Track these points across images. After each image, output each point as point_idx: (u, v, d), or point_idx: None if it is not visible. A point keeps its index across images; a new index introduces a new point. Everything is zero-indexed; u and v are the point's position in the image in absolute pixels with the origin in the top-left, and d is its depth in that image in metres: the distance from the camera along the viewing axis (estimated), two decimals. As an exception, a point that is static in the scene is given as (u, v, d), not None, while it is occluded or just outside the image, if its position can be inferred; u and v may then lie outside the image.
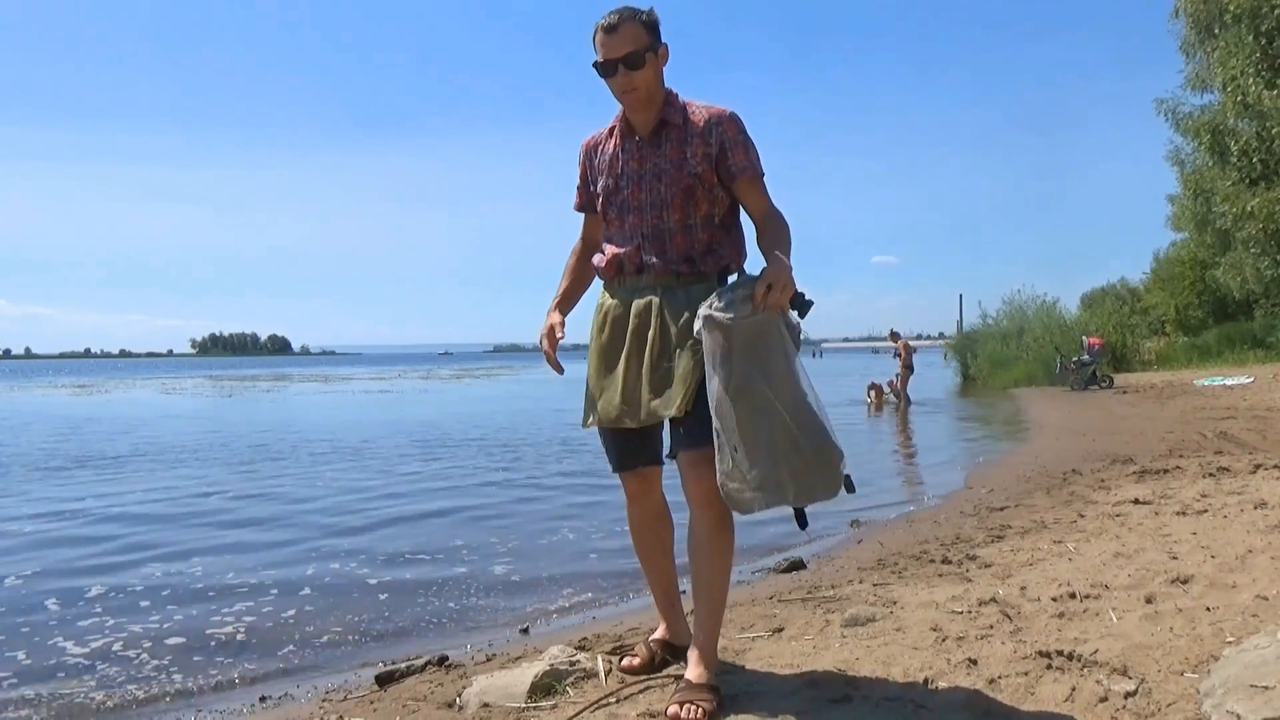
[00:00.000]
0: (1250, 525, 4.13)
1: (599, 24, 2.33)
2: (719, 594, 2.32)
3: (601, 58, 2.33)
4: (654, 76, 2.35)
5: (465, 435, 12.86)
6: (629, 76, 2.31)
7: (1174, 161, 25.15)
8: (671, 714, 2.13)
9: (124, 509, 6.98)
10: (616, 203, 2.44)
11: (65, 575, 4.85)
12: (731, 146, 2.35)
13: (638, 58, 2.30)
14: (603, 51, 2.32)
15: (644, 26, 2.32)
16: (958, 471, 8.08)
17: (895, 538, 5.00)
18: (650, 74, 2.33)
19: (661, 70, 2.38)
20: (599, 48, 2.33)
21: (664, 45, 2.36)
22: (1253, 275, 23.01)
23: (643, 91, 2.34)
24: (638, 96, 2.35)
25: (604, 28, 2.31)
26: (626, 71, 2.31)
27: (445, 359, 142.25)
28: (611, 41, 2.30)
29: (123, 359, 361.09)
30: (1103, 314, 26.85)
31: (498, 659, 3.12)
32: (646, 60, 2.31)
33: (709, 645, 2.31)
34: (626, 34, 2.29)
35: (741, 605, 3.45)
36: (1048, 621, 2.83)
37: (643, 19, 2.32)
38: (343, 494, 7.58)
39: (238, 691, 3.18)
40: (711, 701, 2.17)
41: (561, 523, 5.92)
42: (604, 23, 2.32)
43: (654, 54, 2.33)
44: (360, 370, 65.45)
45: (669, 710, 2.15)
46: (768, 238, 2.34)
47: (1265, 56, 20.31)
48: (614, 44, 2.30)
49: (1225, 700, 1.94)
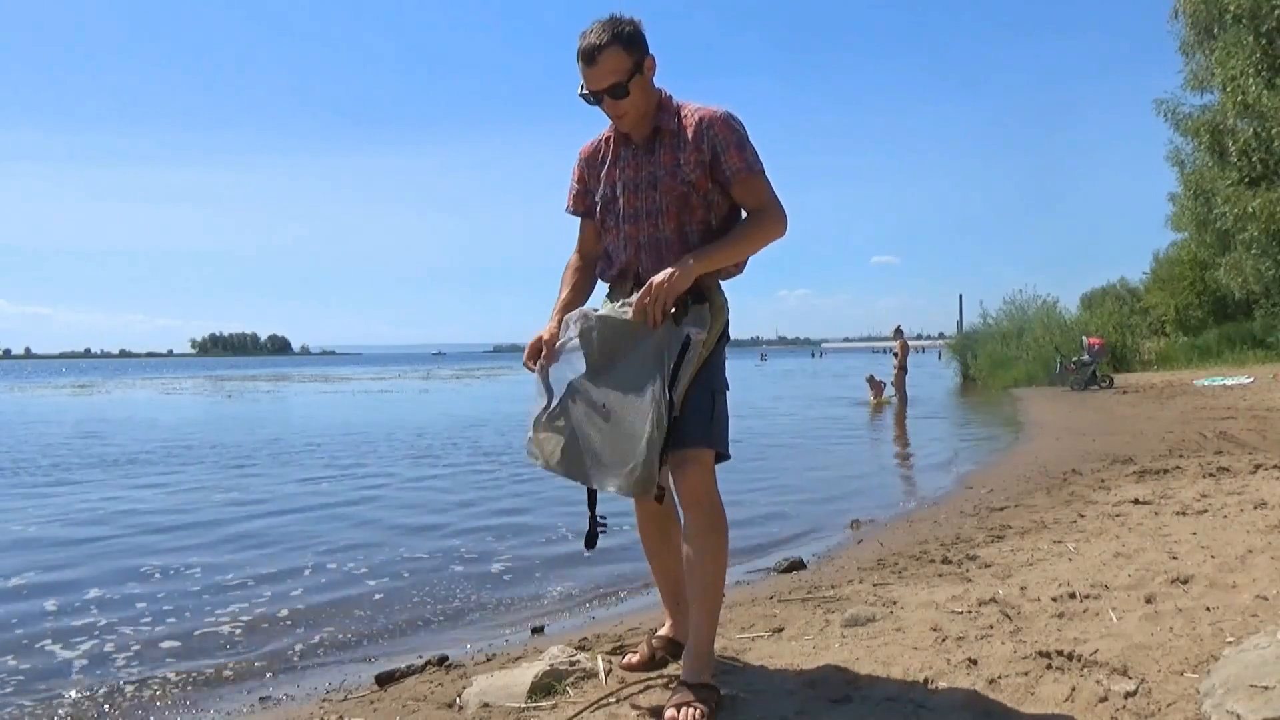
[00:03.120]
0: (1250, 525, 4.13)
1: (579, 46, 2.24)
2: (714, 595, 2.32)
3: (585, 89, 2.28)
4: (642, 96, 2.30)
5: (465, 435, 12.86)
6: (615, 105, 2.28)
7: (1174, 161, 25.18)
8: (669, 716, 2.13)
9: (123, 509, 6.97)
10: (614, 211, 2.42)
11: (63, 576, 4.84)
12: (724, 149, 2.30)
13: (621, 88, 2.25)
14: (586, 81, 2.27)
15: (625, 48, 2.23)
16: (957, 471, 8.08)
17: (895, 538, 5.00)
18: (637, 96, 2.28)
19: (650, 82, 2.32)
20: (581, 76, 2.27)
21: (650, 57, 2.29)
22: (1253, 275, 23.00)
23: (631, 116, 2.32)
24: (627, 121, 2.33)
25: (583, 55, 2.23)
26: (612, 101, 2.27)
27: (439, 359, 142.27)
28: (592, 73, 2.24)
29: (123, 359, 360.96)
30: (1103, 314, 26.86)
31: (498, 659, 3.13)
32: (631, 87, 2.25)
33: (705, 646, 2.30)
34: (606, 65, 2.22)
35: (741, 605, 3.45)
36: (1048, 621, 2.83)
37: (624, 36, 2.23)
38: (342, 494, 7.58)
39: (238, 692, 3.17)
40: (709, 702, 2.17)
41: (561, 522, 5.93)
42: (584, 47, 2.23)
43: (640, 74, 2.26)
44: (360, 370, 65.45)
45: (666, 713, 2.15)
46: (725, 235, 2.33)
47: (1265, 56, 20.31)
48: (595, 75, 2.24)
49: (1225, 700, 1.94)
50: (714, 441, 2.30)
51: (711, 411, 2.29)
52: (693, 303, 2.26)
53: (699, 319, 2.25)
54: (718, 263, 2.28)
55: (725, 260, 2.30)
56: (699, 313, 2.26)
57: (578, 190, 2.55)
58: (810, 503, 6.73)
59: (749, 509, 6.21)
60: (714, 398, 2.31)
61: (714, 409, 2.30)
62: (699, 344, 2.21)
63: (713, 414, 2.30)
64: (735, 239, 2.32)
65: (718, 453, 2.33)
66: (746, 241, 2.33)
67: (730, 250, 2.30)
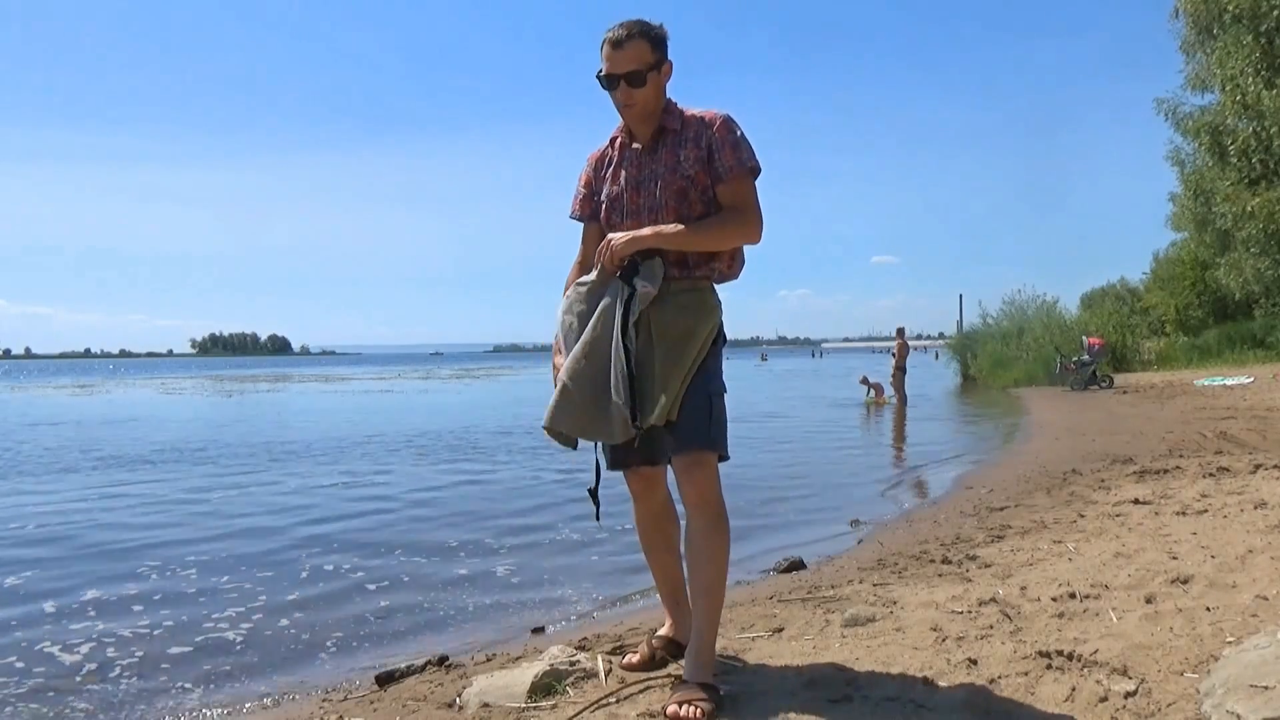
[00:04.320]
0: (1250, 525, 4.13)
1: (607, 35, 2.35)
2: (715, 596, 2.35)
3: (605, 71, 2.36)
4: (654, 94, 2.39)
5: (465, 435, 12.85)
6: (629, 93, 2.35)
7: (1174, 161, 25.20)
8: (670, 714, 2.14)
9: (123, 509, 6.98)
10: (619, 209, 2.46)
11: (62, 577, 4.84)
12: (719, 148, 2.37)
13: (640, 77, 2.34)
14: (607, 65, 2.35)
15: (651, 44, 2.34)
16: (957, 471, 8.08)
17: (895, 538, 5.00)
18: (651, 91, 2.37)
19: (664, 86, 2.41)
20: (604, 60, 2.36)
21: (669, 62, 2.40)
22: (1253, 275, 23.01)
23: (640, 108, 2.38)
24: (635, 112, 2.39)
25: (611, 41, 2.34)
26: (628, 88, 2.35)
27: (436, 359, 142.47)
28: (616, 56, 2.33)
29: (123, 359, 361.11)
30: (1103, 314, 26.87)
31: (498, 659, 3.12)
32: (649, 79, 2.35)
33: (707, 646, 2.32)
34: (632, 51, 2.32)
35: (741, 605, 3.46)
36: (1048, 621, 2.83)
37: (652, 35, 2.35)
38: (342, 494, 7.58)
39: (238, 692, 3.17)
40: (710, 701, 2.18)
41: (561, 522, 5.91)
42: (612, 35, 2.34)
43: (657, 72, 2.37)
44: (360, 370, 65.46)
45: (668, 710, 2.16)
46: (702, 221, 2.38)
47: (1265, 56, 20.32)
48: (619, 59, 2.33)
49: (1225, 700, 1.94)
50: (714, 443, 2.34)
51: (710, 414, 2.34)
52: (643, 260, 2.36)
53: (649, 274, 2.36)
54: (677, 241, 2.34)
55: (686, 241, 2.35)
56: (649, 269, 2.36)
57: (584, 194, 2.57)
58: (810, 503, 6.74)
59: (749, 509, 6.20)
60: (711, 400, 2.35)
61: (712, 411, 2.35)
62: (645, 296, 2.33)
63: (711, 416, 2.34)
64: (703, 226, 2.37)
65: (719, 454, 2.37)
66: (714, 232, 2.37)
67: (694, 235, 2.35)
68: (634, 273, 2.36)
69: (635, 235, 2.34)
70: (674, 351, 2.32)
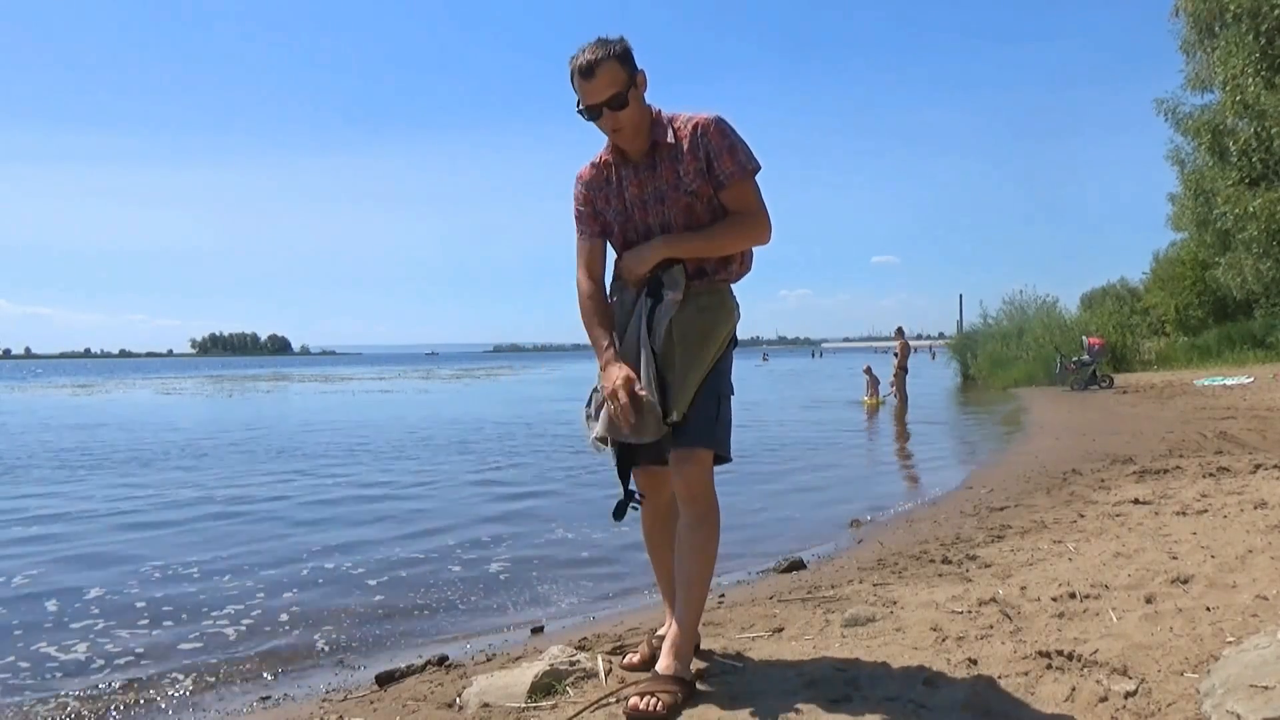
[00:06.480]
0: (1250, 525, 4.13)
1: (573, 66, 2.30)
2: (698, 589, 2.37)
3: (585, 103, 2.32)
4: (638, 110, 2.36)
5: (464, 435, 12.86)
6: (615, 117, 2.32)
7: (1174, 161, 25.17)
8: (631, 705, 2.15)
9: (123, 510, 6.98)
10: (630, 229, 2.46)
11: (61, 577, 4.84)
12: (717, 154, 2.35)
13: (621, 98, 2.30)
14: (585, 96, 2.31)
15: (620, 62, 2.30)
16: (957, 471, 8.08)
17: (895, 538, 5.00)
18: (634, 109, 2.34)
19: (643, 96, 2.38)
20: (579, 92, 2.32)
21: (641, 72, 2.36)
22: (1253, 275, 22.98)
23: (629, 129, 2.36)
24: (625, 134, 2.37)
25: (580, 72, 2.29)
26: (612, 113, 2.32)
27: (433, 359, 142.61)
28: (590, 86, 2.29)
29: (123, 359, 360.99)
30: (1103, 314, 26.83)
31: (498, 659, 3.13)
32: (630, 99, 2.31)
33: (684, 638, 2.34)
34: (605, 76, 2.28)
35: (741, 605, 3.46)
36: (1048, 621, 2.83)
37: (616, 53, 2.30)
38: (342, 494, 7.58)
39: (238, 692, 3.18)
40: (675, 694, 2.19)
41: (561, 522, 5.91)
42: (579, 65, 2.29)
43: (634, 87, 2.33)
44: (360, 370, 65.45)
45: (630, 699, 2.17)
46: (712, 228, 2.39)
47: (1265, 56, 20.31)
48: (594, 89, 2.29)
49: (1225, 700, 1.94)
50: (715, 444, 2.39)
51: (716, 415, 2.38)
52: (664, 271, 2.39)
53: (672, 282, 2.37)
54: (687, 251, 2.37)
55: (696, 249, 2.37)
56: (671, 277, 2.38)
57: (588, 212, 2.50)
58: (810, 503, 6.74)
59: (749, 509, 6.21)
60: (719, 402, 2.40)
61: (719, 413, 2.39)
62: (672, 303, 2.37)
63: (717, 417, 2.38)
64: (712, 232, 2.38)
65: (719, 455, 2.41)
66: (722, 238, 2.38)
67: (703, 242, 2.37)
68: (660, 285, 2.39)
69: (646, 258, 2.38)
70: (693, 351, 2.35)
